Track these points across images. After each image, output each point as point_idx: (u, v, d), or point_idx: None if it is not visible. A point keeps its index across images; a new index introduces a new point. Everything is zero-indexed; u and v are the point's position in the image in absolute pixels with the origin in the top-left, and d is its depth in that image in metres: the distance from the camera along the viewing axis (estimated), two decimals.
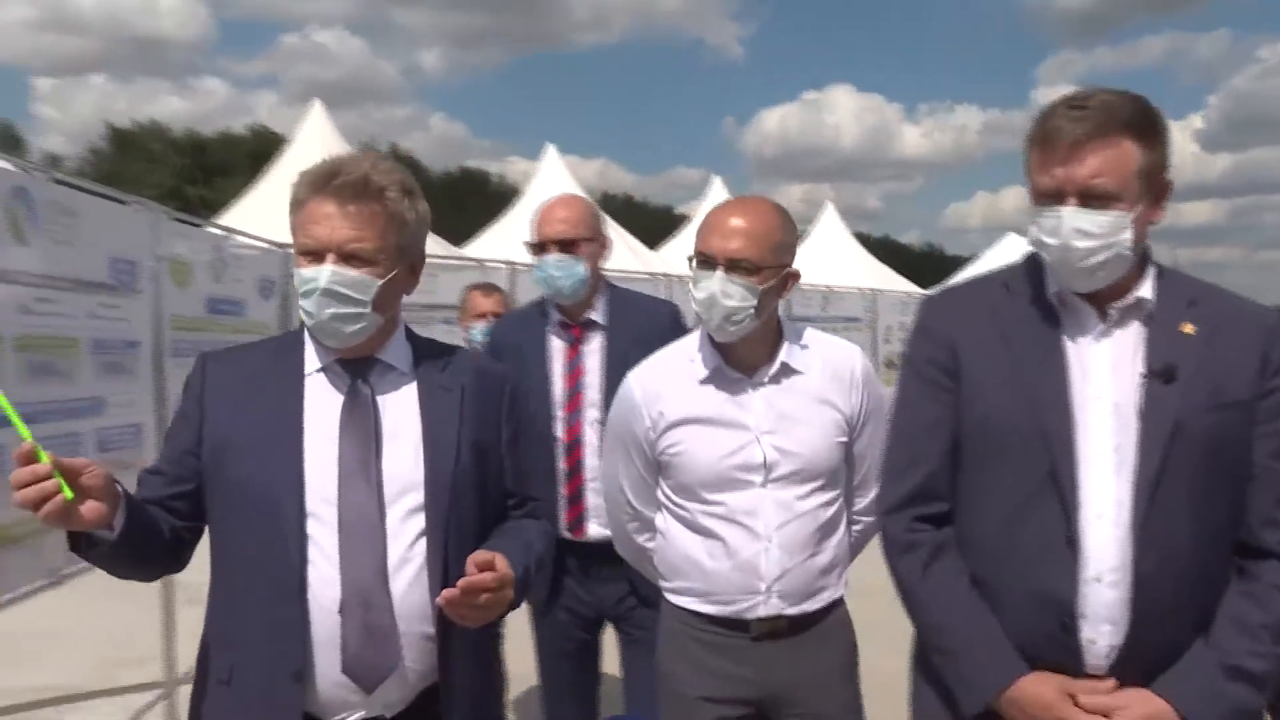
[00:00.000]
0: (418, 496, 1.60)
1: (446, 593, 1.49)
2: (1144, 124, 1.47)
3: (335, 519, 1.56)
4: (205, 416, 1.63)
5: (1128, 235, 1.47)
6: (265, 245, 5.45)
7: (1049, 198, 1.49)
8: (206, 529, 1.67)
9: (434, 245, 12.53)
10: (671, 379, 2.00)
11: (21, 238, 3.05)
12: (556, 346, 2.53)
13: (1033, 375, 1.53)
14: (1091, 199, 1.46)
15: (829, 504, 1.96)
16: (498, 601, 1.53)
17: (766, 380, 1.95)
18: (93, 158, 47.94)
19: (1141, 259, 1.54)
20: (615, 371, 2.30)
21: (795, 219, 2.04)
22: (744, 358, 1.96)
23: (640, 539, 2.11)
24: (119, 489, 1.46)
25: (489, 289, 4.03)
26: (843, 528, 2.00)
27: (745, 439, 1.92)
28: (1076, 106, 1.47)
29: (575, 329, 2.52)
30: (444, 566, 1.58)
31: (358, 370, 1.64)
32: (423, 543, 1.59)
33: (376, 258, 1.56)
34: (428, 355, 1.71)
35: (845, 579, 2.02)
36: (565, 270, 2.45)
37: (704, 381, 1.96)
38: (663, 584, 2.05)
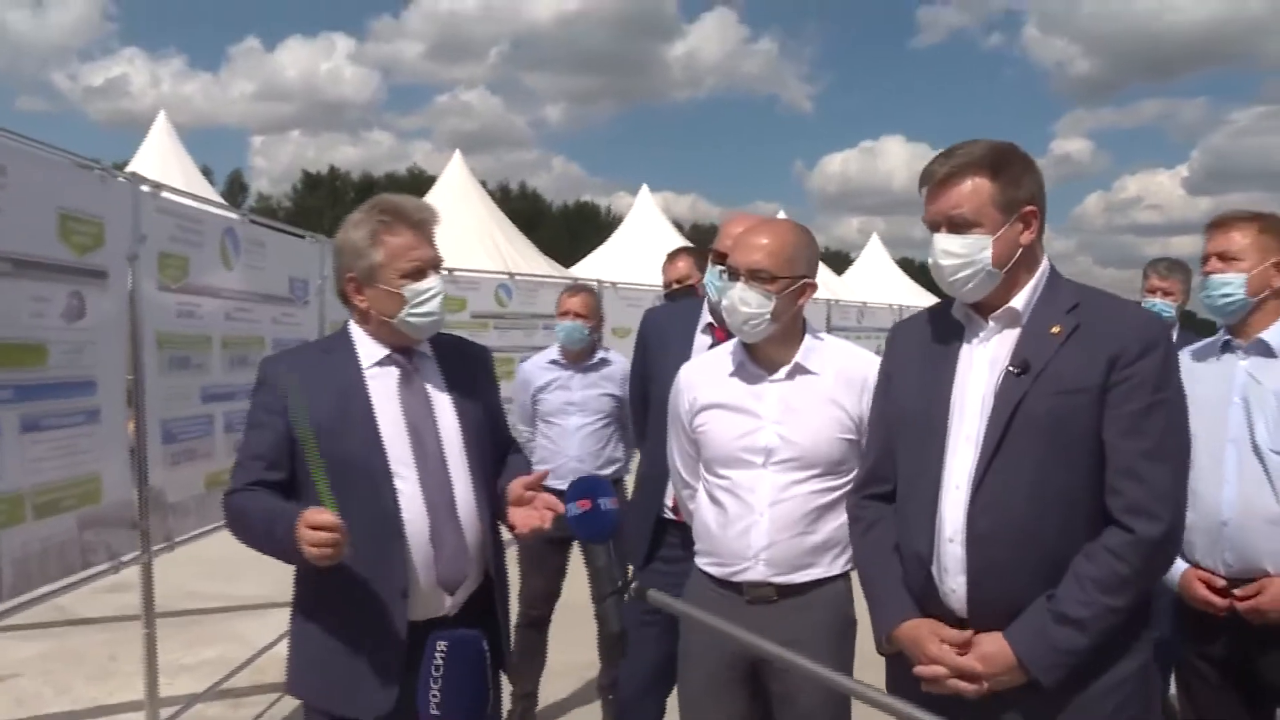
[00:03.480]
0: (459, 445, 1.70)
1: (514, 514, 1.62)
2: (996, 163, 1.43)
3: (413, 471, 1.64)
4: (290, 408, 1.60)
5: (987, 254, 1.43)
6: None
7: (930, 229, 1.49)
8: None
9: (543, 265, 12.77)
10: (709, 370, 1.95)
11: (229, 264, 3.32)
12: (701, 343, 2.35)
13: (931, 375, 1.51)
14: (956, 226, 1.45)
15: (826, 491, 1.82)
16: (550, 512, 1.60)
17: (782, 377, 1.87)
18: (291, 194, 50.90)
19: (1023, 274, 1.48)
20: None
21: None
22: (766, 356, 1.89)
23: (691, 506, 2.03)
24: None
25: (574, 289, 3.61)
26: (844, 515, 1.81)
27: (756, 425, 1.84)
28: (945, 155, 1.46)
29: (720, 332, 2.29)
30: (488, 495, 1.69)
31: (406, 358, 1.71)
32: (469, 480, 1.69)
33: None
34: (437, 341, 1.77)
35: (846, 559, 1.85)
36: None
37: (731, 374, 1.90)
38: (695, 547, 1.97)
